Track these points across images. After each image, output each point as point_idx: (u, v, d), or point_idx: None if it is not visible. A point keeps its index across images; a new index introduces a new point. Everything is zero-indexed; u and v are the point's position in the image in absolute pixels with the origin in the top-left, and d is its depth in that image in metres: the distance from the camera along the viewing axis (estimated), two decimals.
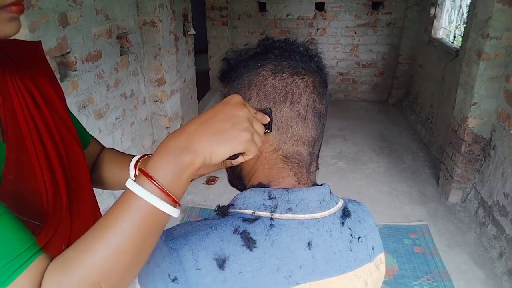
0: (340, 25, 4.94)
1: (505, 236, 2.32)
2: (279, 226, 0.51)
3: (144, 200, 0.44)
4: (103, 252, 0.43)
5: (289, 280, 0.50)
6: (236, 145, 0.47)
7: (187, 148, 0.45)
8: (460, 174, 2.80)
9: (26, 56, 0.69)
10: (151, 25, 2.61)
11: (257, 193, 0.54)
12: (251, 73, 0.56)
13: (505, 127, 2.44)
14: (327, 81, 0.59)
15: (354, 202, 0.62)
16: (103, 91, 2.15)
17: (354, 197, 3.12)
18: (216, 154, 0.46)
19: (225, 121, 0.47)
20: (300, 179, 0.56)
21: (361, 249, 0.57)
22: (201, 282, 0.47)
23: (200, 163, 0.46)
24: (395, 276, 2.20)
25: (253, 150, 0.49)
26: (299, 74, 0.54)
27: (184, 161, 0.45)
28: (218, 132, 0.46)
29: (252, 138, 0.48)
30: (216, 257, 0.48)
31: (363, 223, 0.59)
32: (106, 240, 0.44)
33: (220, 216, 0.54)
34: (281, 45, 0.57)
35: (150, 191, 0.44)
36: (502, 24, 2.39)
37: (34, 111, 0.64)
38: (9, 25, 0.51)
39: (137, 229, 0.44)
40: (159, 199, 0.44)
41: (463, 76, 2.76)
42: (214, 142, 0.46)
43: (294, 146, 0.55)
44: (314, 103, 0.55)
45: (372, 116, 4.73)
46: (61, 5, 1.73)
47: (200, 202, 2.91)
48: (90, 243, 0.44)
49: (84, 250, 0.44)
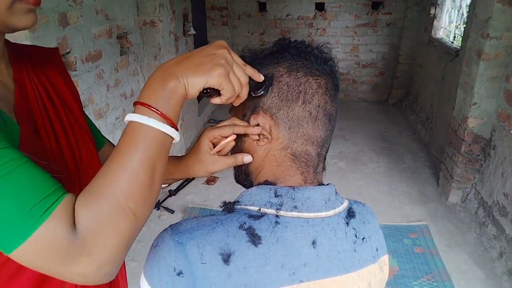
0: (340, 25, 4.94)
1: (505, 236, 2.32)
2: (284, 224, 0.51)
3: (148, 125, 0.48)
4: (123, 177, 0.47)
5: (293, 277, 0.50)
6: (209, 77, 0.50)
7: (170, 75, 0.50)
8: (460, 174, 2.80)
9: (44, 60, 0.71)
10: (151, 25, 2.61)
11: (263, 190, 0.54)
12: (267, 69, 0.57)
13: (505, 127, 2.44)
14: (339, 85, 0.60)
15: (359, 203, 0.63)
16: (103, 91, 2.16)
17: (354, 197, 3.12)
18: (193, 84, 0.50)
19: (203, 57, 0.51)
20: (307, 178, 0.57)
21: (365, 250, 0.57)
22: (206, 276, 0.47)
23: (182, 89, 0.50)
24: (395, 276, 2.20)
25: (227, 88, 0.52)
26: (313, 75, 0.56)
27: (169, 86, 0.49)
28: (196, 64, 0.51)
29: (226, 74, 0.51)
30: (222, 251, 0.48)
31: (368, 224, 0.60)
32: (123, 167, 0.48)
33: (226, 212, 0.54)
34: (297, 45, 0.58)
35: (151, 116, 0.49)
36: (502, 24, 2.39)
37: (49, 107, 0.65)
38: (26, 17, 0.54)
39: (148, 153, 0.49)
40: (160, 122, 0.49)
41: (463, 76, 2.76)
42: (191, 73, 0.50)
43: (303, 145, 0.56)
44: (326, 105, 0.56)
45: (372, 116, 4.73)
46: (61, 5, 1.73)
47: (200, 202, 2.91)
48: (110, 172, 0.48)
49: (106, 178, 0.48)
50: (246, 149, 0.61)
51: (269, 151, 0.57)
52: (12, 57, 0.64)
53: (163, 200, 2.88)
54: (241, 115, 0.61)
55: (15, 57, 0.64)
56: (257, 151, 0.58)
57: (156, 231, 2.58)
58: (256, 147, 0.58)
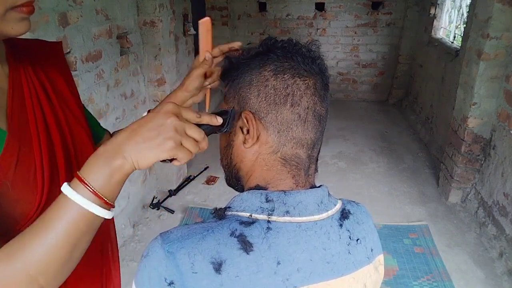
0: (340, 25, 4.94)
1: (505, 236, 2.32)
2: (276, 229, 0.51)
3: (76, 203, 0.48)
4: (40, 248, 0.47)
5: (287, 283, 0.49)
6: (160, 153, 0.50)
7: (117, 153, 0.49)
8: (460, 174, 2.80)
9: (44, 55, 0.71)
10: (151, 25, 2.61)
11: (254, 195, 0.53)
12: (252, 73, 0.56)
13: (505, 127, 2.44)
14: (329, 84, 0.58)
15: (353, 203, 0.62)
16: (103, 91, 2.15)
17: (354, 197, 3.12)
18: (143, 160, 0.50)
19: (152, 130, 0.50)
20: (298, 181, 0.56)
21: (359, 251, 0.57)
22: (197, 286, 0.47)
23: (129, 168, 0.50)
24: (395, 276, 2.20)
25: (182, 156, 0.52)
26: (300, 76, 0.54)
27: (113, 164, 0.49)
28: (145, 139, 0.50)
29: (178, 145, 0.50)
30: (213, 260, 0.47)
31: (362, 225, 0.59)
32: (42, 237, 0.47)
33: (217, 219, 0.53)
34: (283, 45, 0.56)
35: (82, 195, 0.48)
36: (502, 24, 2.39)
37: (44, 102, 0.65)
38: (19, 25, 0.54)
39: (72, 229, 0.48)
40: (90, 202, 0.49)
41: (463, 76, 2.76)
42: (141, 149, 0.50)
43: (293, 148, 0.55)
44: (315, 106, 0.55)
45: (372, 116, 4.73)
46: (61, 5, 1.73)
47: (200, 202, 2.91)
48: (28, 239, 0.48)
49: (23, 244, 0.47)
50: (234, 153, 0.59)
51: (259, 155, 0.56)
52: (9, 54, 0.64)
53: (163, 200, 2.88)
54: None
55: (12, 55, 0.64)
56: (246, 155, 0.57)
57: (156, 231, 2.58)
58: (245, 151, 0.57)
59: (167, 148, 0.50)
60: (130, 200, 2.55)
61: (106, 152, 0.50)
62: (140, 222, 2.66)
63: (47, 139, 0.63)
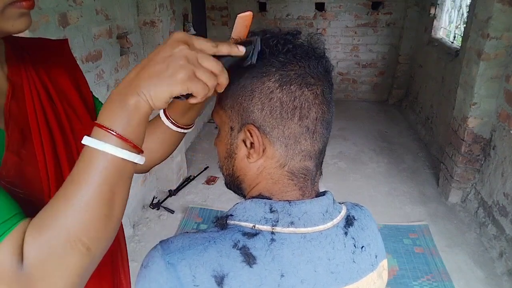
0: (340, 25, 4.94)
1: (505, 236, 2.32)
2: (280, 241, 0.49)
3: (103, 152, 0.44)
4: (73, 209, 0.44)
5: None
6: (172, 85, 0.45)
7: (129, 92, 0.45)
8: (460, 174, 2.80)
9: (48, 53, 0.69)
10: (151, 25, 2.61)
11: (258, 205, 0.51)
12: (254, 81, 0.51)
13: (505, 127, 2.44)
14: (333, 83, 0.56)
15: (356, 208, 0.60)
16: (103, 91, 2.15)
17: (354, 197, 3.10)
18: (157, 96, 0.45)
19: (160, 63, 0.45)
20: (305, 192, 0.54)
21: (364, 259, 0.56)
22: None
23: (145, 106, 0.46)
24: (395, 276, 2.20)
25: (197, 89, 0.45)
26: (308, 86, 0.50)
27: (129, 104, 0.45)
28: (156, 73, 0.45)
29: (191, 76, 0.45)
30: (215, 274, 0.46)
31: (366, 230, 0.58)
32: (73, 197, 0.44)
33: (218, 228, 0.51)
34: (288, 48, 0.52)
35: (107, 142, 0.45)
36: (502, 24, 2.39)
37: (46, 103, 0.64)
38: (19, 21, 0.52)
39: (103, 181, 0.45)
40: (118, 147, 0.45)
41: (463, 76, 2.76)
42: (153, 84, 0.45)
43: (301, 161, 0.53)
44: (324, 115, 0.52)
45: (372, 116, 4.73)
46: (61, 5, 1.73)
47: (200, 202, 2.91)
48: (60, 202, 0.45)
49: (55, 209, 0.45)
50: (237, 166, 0.55)
51: (264, 169, 0.53)
52: (10, 54, 0.63)
53: (163, 200, 2.88)
54: (228, 128, 0.55)
55: (13, 55, 0.63)
56: (250, 169, 0.54)
57: (156, 231, 2.58)
58: (248, 165, 0.53)
59: (179, 79, 0.44)
60: (130, 200, 2.54)
61: (118, 94, 0.46)
62: (140, 222, 2.66)
63: (49, 138, 0.63)
